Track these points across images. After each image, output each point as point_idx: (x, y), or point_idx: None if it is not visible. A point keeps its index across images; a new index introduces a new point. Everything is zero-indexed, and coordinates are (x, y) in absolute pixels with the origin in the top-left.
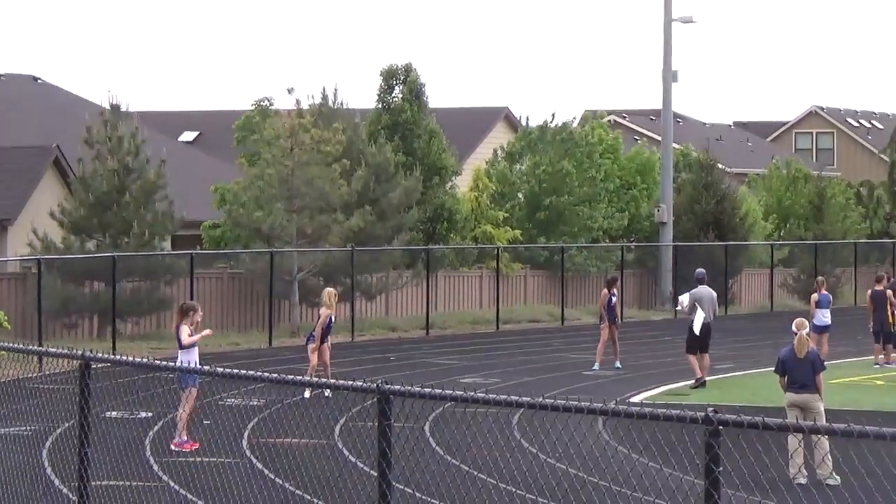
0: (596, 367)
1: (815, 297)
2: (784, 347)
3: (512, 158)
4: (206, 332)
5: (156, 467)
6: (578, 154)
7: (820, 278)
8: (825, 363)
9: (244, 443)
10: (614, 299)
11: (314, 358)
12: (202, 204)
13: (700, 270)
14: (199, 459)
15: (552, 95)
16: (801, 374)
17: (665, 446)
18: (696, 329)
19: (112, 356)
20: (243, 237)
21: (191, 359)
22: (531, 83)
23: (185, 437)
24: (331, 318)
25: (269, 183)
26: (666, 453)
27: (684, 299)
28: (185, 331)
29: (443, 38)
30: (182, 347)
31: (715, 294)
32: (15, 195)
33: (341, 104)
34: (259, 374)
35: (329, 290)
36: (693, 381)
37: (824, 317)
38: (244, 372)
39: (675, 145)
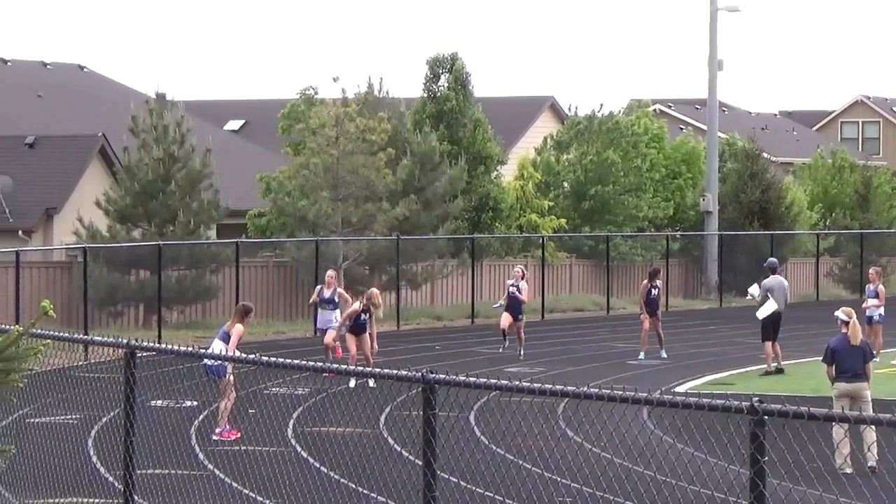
0: (641, 356)
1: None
2: (833, 337)
3: (560, 148)
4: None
5: (201, 456)
6: (624, 143)
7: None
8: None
9: (289, 432)
10: (654, 291)
11: (352, 347)
12: (247, 193)
13: (772, 259)
14: (244, 448)
15: (597, 85)
16: (852, 362)
17: (710, 436)
18: (760, 316)
19: (157, 345)
20: (288, 226)
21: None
22: (576, 72)
23: (227, 426)
24: (362, 317)
25: (315, 172)
26: (711, 443)
27: (754, 290)
28: (241, 332)
29: (488, 27)
30: (226, 342)
31: (787, 282)
32: (61, 184)
33: (386, 93)
34: (304, 363)
35: (373, 290)
36: (767, 369)
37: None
38: (289, 361)
39: (720, 134)
